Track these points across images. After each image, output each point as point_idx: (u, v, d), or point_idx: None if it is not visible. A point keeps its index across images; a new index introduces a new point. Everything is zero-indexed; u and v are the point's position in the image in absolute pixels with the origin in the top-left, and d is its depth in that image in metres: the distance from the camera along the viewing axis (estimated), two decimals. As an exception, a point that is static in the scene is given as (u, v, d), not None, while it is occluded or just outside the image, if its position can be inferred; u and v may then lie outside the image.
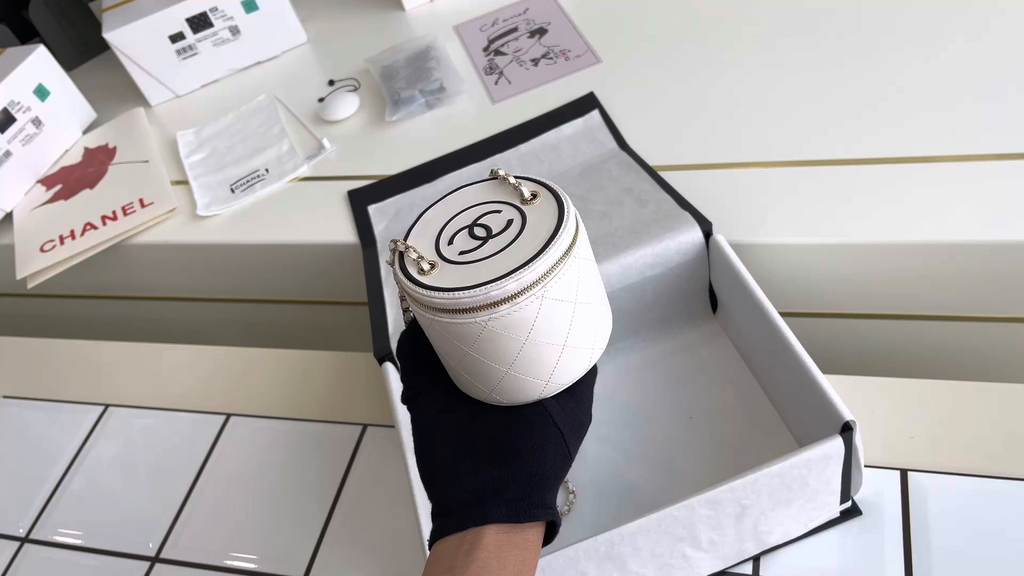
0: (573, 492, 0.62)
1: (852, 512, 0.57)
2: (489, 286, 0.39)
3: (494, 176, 0.45)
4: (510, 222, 0.42)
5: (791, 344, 0.57)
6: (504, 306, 0.40)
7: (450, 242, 0.43)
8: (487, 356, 0.42)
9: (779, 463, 0.51)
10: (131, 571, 0.68)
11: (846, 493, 0.56)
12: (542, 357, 0.42)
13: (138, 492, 0.73)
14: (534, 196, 0.43)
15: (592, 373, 0.46)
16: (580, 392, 0.45)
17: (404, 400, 0.47)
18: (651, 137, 0.81)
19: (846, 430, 0.52)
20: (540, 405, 0.44)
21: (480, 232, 0.43)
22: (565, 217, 0.41)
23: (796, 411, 0.61)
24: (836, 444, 0.51)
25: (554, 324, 0.41)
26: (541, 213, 0.42)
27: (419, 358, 0.46)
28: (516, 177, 0.44)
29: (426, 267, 0.41)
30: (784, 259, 0.71)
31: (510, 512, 0.41)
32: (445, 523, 0.42)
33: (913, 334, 0.74)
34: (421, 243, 0.43)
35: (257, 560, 0.66)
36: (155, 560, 0.68)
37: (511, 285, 0.39)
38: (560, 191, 0.43)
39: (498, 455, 0.42)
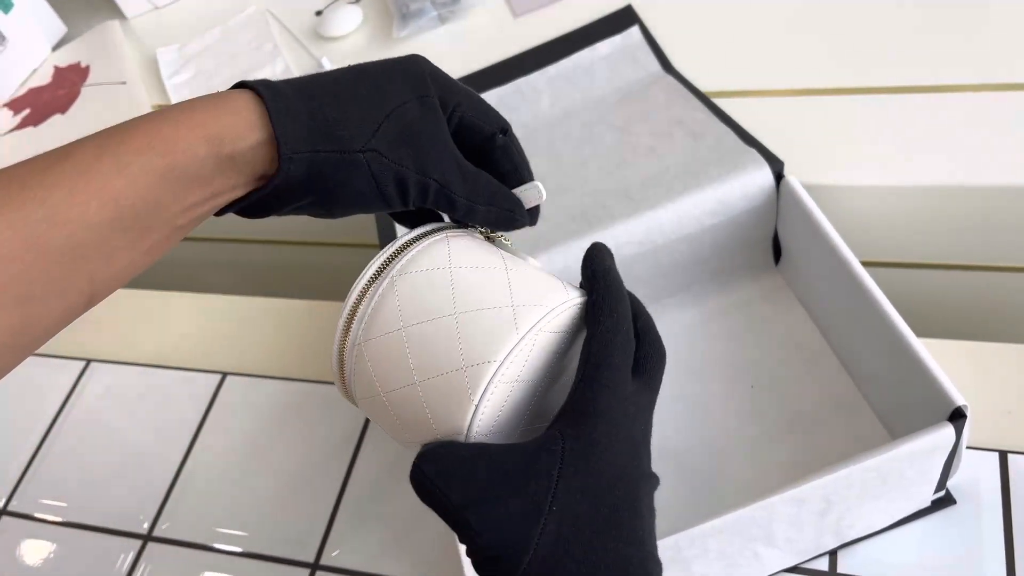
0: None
1: (945, 501, 0.50)
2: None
3: None
4: None
5: (883, 309, 0.49)
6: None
7: None
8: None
9: (877, 456, 0.43)
10: (121, 550, 0.61)
11: (942, 482, 0.48)
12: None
13: (126, 462, 0.66)
14: None
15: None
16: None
17: None
18: (700, 58, 0.72)
19: (957, 416, 0.44)
20: None
21: None
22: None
23: (881, 383, 0.53)
24: (946, 434, 0.44)
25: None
26: None
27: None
28: None
29: None
30: (858, 203, 0.62)
31: None
32: None
33: (1012, 290, 0.65)
34: None
35: (260, 541, 0.59)
36: (147, 538, 0.61)
37: None
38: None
39: None
